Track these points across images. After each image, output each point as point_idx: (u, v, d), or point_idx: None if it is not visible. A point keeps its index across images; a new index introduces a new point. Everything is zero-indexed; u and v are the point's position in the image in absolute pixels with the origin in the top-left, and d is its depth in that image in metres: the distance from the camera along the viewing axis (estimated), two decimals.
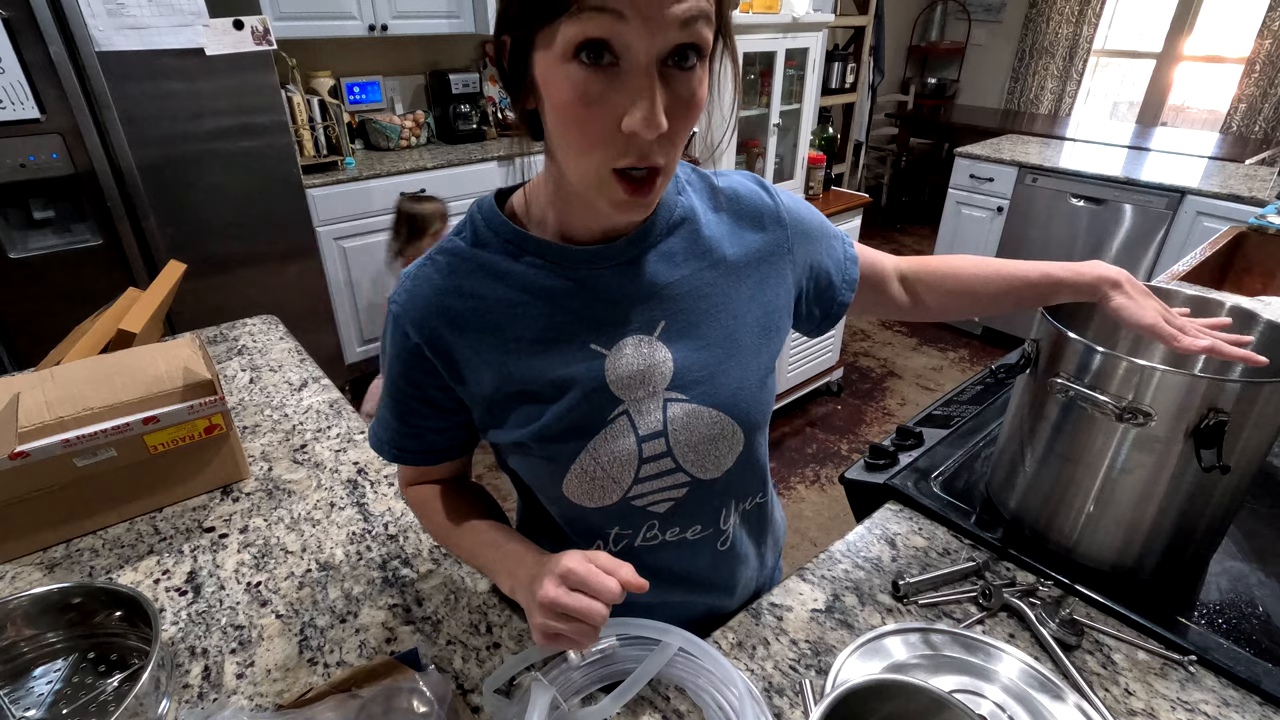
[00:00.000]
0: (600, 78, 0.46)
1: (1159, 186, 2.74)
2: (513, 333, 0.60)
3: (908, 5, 5.28)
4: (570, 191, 0.57)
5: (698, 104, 0.49)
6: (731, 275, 0.65)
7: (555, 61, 0.47)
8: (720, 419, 0.64)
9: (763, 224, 0.67)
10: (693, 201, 0.65)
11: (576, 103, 0.47)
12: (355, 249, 2.73)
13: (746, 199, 0.68)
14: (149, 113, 2.03)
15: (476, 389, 0.62)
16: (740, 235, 0.66)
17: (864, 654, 0.69)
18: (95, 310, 1.21)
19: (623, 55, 0.45)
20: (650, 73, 0.45)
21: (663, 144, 0.49)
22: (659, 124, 0.46)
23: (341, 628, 0.76)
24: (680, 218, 0.63)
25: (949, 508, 0.91)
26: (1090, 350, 0.73)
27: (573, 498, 0.64)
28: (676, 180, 0.65)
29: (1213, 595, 0.79)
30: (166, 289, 1.23)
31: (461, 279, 0.60)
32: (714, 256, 0.64)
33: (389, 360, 0.64)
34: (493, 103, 3.39)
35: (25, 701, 0.69)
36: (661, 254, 0.62)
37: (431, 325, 0.60)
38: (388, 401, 0.67)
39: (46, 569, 0.85)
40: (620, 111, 0.46)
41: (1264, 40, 3.96)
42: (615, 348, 0.61)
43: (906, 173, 5.28)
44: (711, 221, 0.65)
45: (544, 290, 0.60)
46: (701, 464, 0.65)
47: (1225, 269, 1.98)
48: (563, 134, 0.50)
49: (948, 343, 3.50)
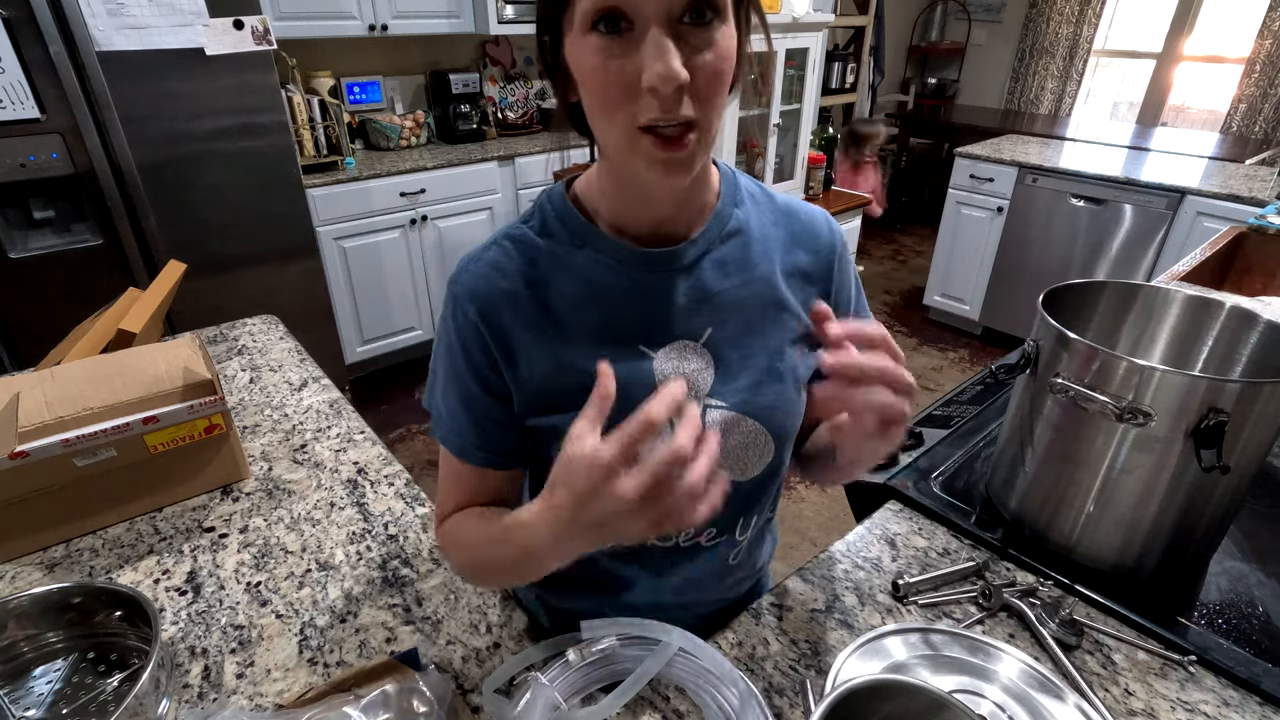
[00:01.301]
0: (618, 43, 0.48)
1: (1159, 187, 2.74)
2: (569, 324, 0.61)
3: (908, 5, 5.28)
4: (620, 180, 0.59)
5: (722, 57, 0.49)
6: (779, 289, 0.66)
7: (579, 40, 0.49)
8: (755, 428, 0.65)
9: (816, 247, 0.69)
10: (749, 214, 0.66)
11: (599, 69, 0.49)
12: (355, 249, 2.73)
13: (804, 220, 0.69)
14: (149, 113, 2.03)
15: (528, 374, 0.62)
16: (792, 252, 0.67)
17: (864, 654, 0.69)
18: (95, 310, 1.21)
19: (636, 19, 0.47)
20: (661, 29, 0.47)
21: (691, 98, 0.49)
22: (675, 74, 0.46)
23: (341, 628, 0.76)
24: (735, 228, 0.65)
25: (949, 508, 0.91)
26: (1090, 350, 0.73)
27: None
28: (736, 191, 0.66)
29: (1213, 595, 0.79)
30: (166, 289, 1.23)
31: (526, 266, 0.62)
32: (764, 269, 0.65)
33: (449, 343, 0.63)
34: (493, 103, 3.39)
35: (25, 701, 0.68)
36: (715, 261, 0.63)
37: (492, 304, 0.61)
38: (451, 390, 0.64)
39: (46, 569, 0.85)
40: (639, 71, 0.48)
41: (1264, 40, 3.96)
42: (662, 351, 0.63)
43: (906, 173, 5.28)
44: (768, 236, 0.66)
45: (602, 286, 0.61)
46: (729, 466, 0.66)
47: (1225, 269, 1.98)
48: (592, 105, 0.52)
49: (948, 343, 3.50)
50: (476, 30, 3.01)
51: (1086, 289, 0.89)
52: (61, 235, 2.03)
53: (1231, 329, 0.84)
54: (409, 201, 2.80)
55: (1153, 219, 2.79)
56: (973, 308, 3.43)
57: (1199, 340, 0.87)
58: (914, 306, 3.86)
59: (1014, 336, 3.34)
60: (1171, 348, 0.89)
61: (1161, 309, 0.89)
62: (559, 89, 0.57)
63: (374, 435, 1.11)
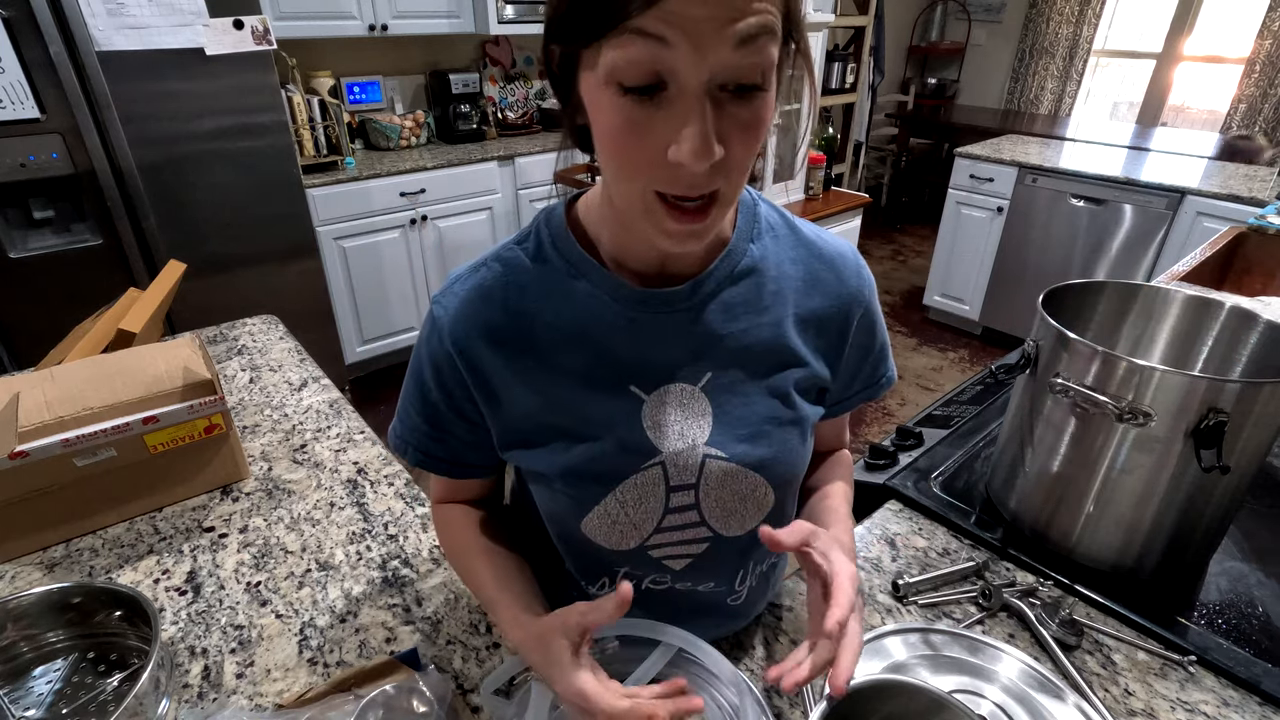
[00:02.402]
0: (646, 105, 0.42)
1: (1159, 187, 2.74)
2: (556, 360, 0.57)
3: (908, 5, 5.28)
4: (623, 219, 0.54)
5: (759, 126, 0.44)
6: (787, 335, 0.60)
7: (599, 85, 0.43)
8: (754, 479, 0.60)
9: (836, 294, 0.62)
10: (766, 250, 0.60)
11: (620, 131, 0.43)
12: (355, 249, 2.73)
13: (828, 261, 0.62)
14: (149, 112, 2.03)
15: (509, 409, 0.59)
16: (809, 296, 0.61)
17: (864, 654, 0.69)
18: (95, 310, 1.21)
19: (670, 81, 0.41)
20: (700, 100, 0.41)
21: (720, 170, 0.44)
22: (709, 154, 0.42)
23: (341, 628, 0.76)
24: (748, 267, 0.59)
25: (949, 508, 0.91)
26: (1090, 350, 0.73)
27: (591, 536, 0.61)
28: (756, 224, 0.60)
29: (1213, 595, 0.79)
30: (166, 289, 1.23)
31: (513, 295, 0.57)
32: (775, 313, 0.59)
33: (421, 361, 0.61)
34: (492, 102, 3.39)
35: (25, 701, 0.68)
36: (721, 304, 0.58)
37: (471, 337, 0.57)
38: (415, 402, 0.63)
39: (46, 569, 0.85)
40: (667, 140, 0.42)
41: (1264, 40, 3.96)
42: (656, 393, 0.58)
43: (906, 173, 5.28)
44: (785, 275, 0.60)
45: (595, 322, 0.56)
46: (726, 521, 0.62)
47: (1225, 269, 1.98)
48: (606, 160, 0.47)
49: (948, 343, 3.50)
50: (476, 30, 3.01)
51: (1086, 289, 0.89)
52: (61, 235, 2.03)
53: (1231, 329, 0.84)
54: (409, 201, 2.80)
55: (1153, 219, 2.79)
56: (973, 308, 3.43)
57: (1199, 340, 0.87)
58: (914, 306, 3.86)
59: (1014, 336, 3.34)
60: (1171, 348, 0.89)
61: (1161, 309, 0.89)
62: (566, 108, 0.50)
63: (374, 435, 1.11)
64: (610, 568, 0.66)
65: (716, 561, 0.65)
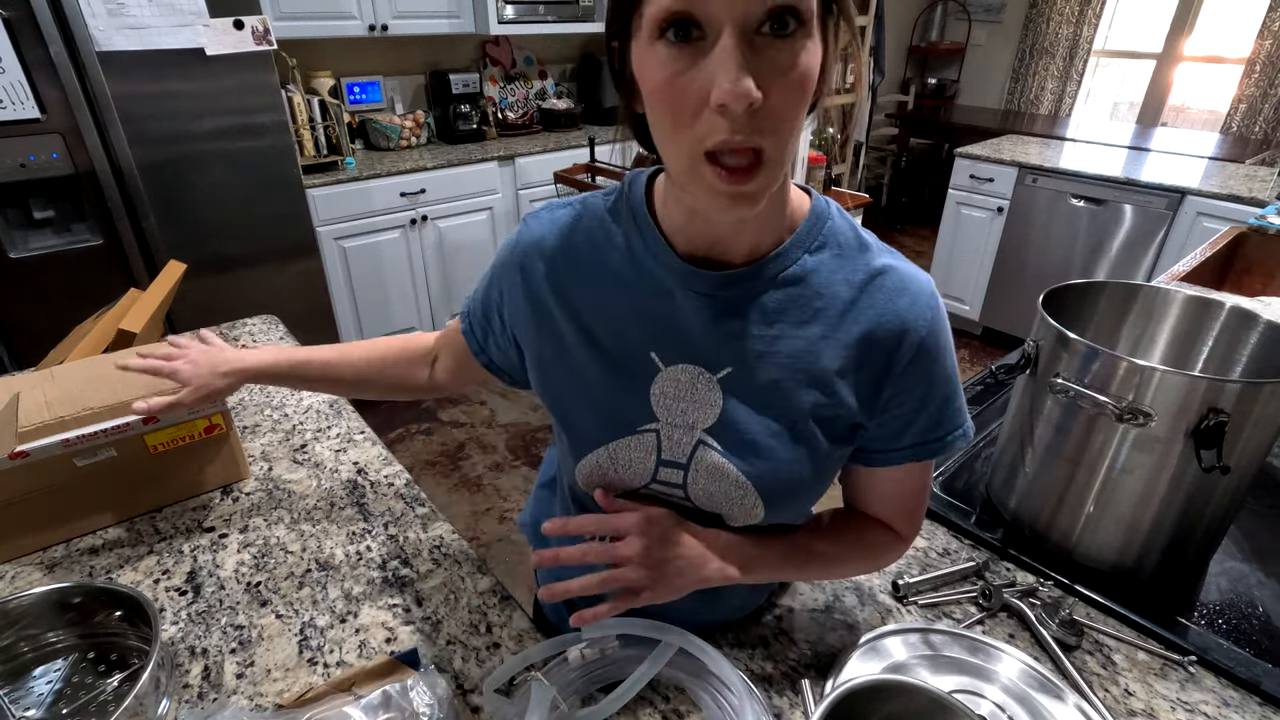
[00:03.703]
0: (687, 54, 0.44)
1: (1159, 187, 2.74)
2: (596, 302, 0.61)
3: (908, 5, 5.28)
4: (679, 196, 0.56)
5: (803, 75, 0.44)
6: (822, 355, 0.57)
7: (646, 47, 0.46)
8: (745, 485, 0.59)
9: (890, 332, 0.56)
10: (822, 264, 0.57)
11: (665, 83, 0.45)
12: (355, 249, 2.73)
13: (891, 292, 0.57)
14: (149, 113, 2.03)
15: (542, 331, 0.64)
16: (857, 318, 0.57)
17: (864, 654, 0.69)
18: (95, 310, 1.21)
19: (708, 28, 0.43)
20: (734, 39, 0.42)
21: (764, 122, 0.44)
22: (746, 92, 0.42)
23: (341, 628, 0.76)
24: (795, 276, 0.57)
25: (949, 508, 0.91)
26: (1090, 350, 0.73)
27: (581, 481, 0.65)
28: (818, 234, 0.57)
29: (1213, 595, 0.79)
30: (166, 289, 1.23)
31: (581, 236, 0.62)
32: (813, 330, 0.57)
33: (498, 260, 0.68)
34: (493, 103, 3.39)
35: (25, 701, 0.68)
36: (760, 305, 0.57)
37: (533, 257, 0.63)
38: (482, 289, 0.72)
39: (46, 569, 0.85)
40: (708, 87, 0.43)
41: (1264, 40, 3.96)
42: (673, 368, 0.59)
43: (906, 173, 5.28)
44: (836, 296, 0.57)
45: (639, 279, 0.60)
46: (713, 506, 0.62)
47: (1225, 269, 1.98)
48: (656, 120, 0.48)
49: None
50: (476, 30, 3.01)
51: (1086, 289, 0.89)
52: (61, 235, 2.03)
53: (1231, 329, 0.84)
54: (409, 201, 2.80)
55: (1153, 219, 2.79)
56: (973, 308, 3.43)
57: (1199, 340, 0.87)
58: None
59: (1014, 336, 3.34)
60: (1171, 348, 0.89)
61: (1161, 309, 0.89)
62: (624, 98, 0.53)
63: (374, 435, 1.11)
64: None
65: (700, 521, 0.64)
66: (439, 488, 2.45)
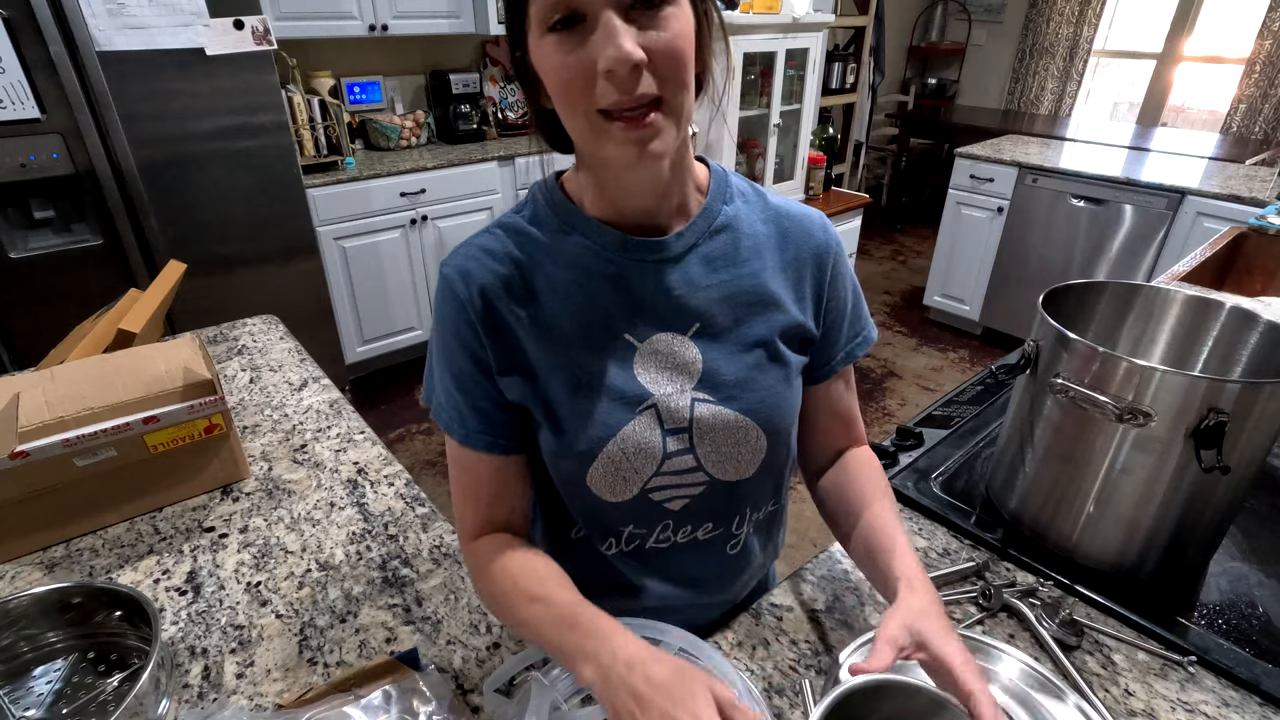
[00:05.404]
0: (574, 38, 0.49)
1: (1159, 187, 2.74)
2: (554, 310, 0.62)
3: (908, 5, 5.28)
4: (597, 173, 0.60)
5: (677, 34, 0.50)
6: (768, 285, 0.66)
7: (539, 41, 0.51)
8: (745, 423, 0.65)
9: (808, 248, 0.68)
10: (739, 210, 0.66)
11: (560, 65, 0.50)
12: (355, 249, 2.73)
13: (797, 220, 0.68)
14: (149, 113, 2.03)
15: (516, 357, 0.63)
16: (783, 250, 0.67)
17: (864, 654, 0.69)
18: (95, 310, 1.21)
19: (587, 11, 0.49)
20: (610, 15, 0.48)
21: (652, 76, 0.50)
22: (627, 54, 0.47)
23: (341, 628, 0.76)
24: (723, 224, 0.65)
25: (949, 508, 0.91)
26: (1090, 350, 0.73)
27: (594, 489, 0.64)
28: (726, 189, 0.66)
29: (1213, 595, 0.79)
30: (166, 289, 1.23)
31: (515, 250, 0.63)
32: (753, 265, 0.65)
33: (439, 323, 0.64)
34: (493, 103, 3.39)
35: (25, 701, 0.69)
36: (703, 256, 0.64)
37: (478, 286, 0.61)
38: (445, 371, 0.64)
39: (46, 569, 0.85)
40: (595, 58, 0.49)
41: (1264, 41, 3.96)
42: (647, 342, 0.63)
43: (906, 173, 5.28)
44: (758, 234, 0.66)
45: (588, 272, 0.62)
46: (722, 465, 0.66)
47: (1225, 269, 1.98)
48: (559, 100, 0.53)
49: (948, 343, 3.50)
50: (476, 30, 3.01)
51: (1086, 289, 0.89)
52: (61, 235, 2.03)
53: (1231, 329, 0.84)
54: (409, 201, 2.80)
55: (1153, 219, 2.79)
56: (973, 308, 3.43)
57: (1199, 340, 0.87)
58: (914, 306, 3.86)
59: (1014, 337, 3.34)
60: (1171, 348, 0.89)
61: (1161, 309, 0.89)
62: (532, 97, 0.59)
63: (374, 435, 1.11)
64: (615, 528, 0.69)
65: (713, 502, 0.69)
66: (439, 488, 2.45)
